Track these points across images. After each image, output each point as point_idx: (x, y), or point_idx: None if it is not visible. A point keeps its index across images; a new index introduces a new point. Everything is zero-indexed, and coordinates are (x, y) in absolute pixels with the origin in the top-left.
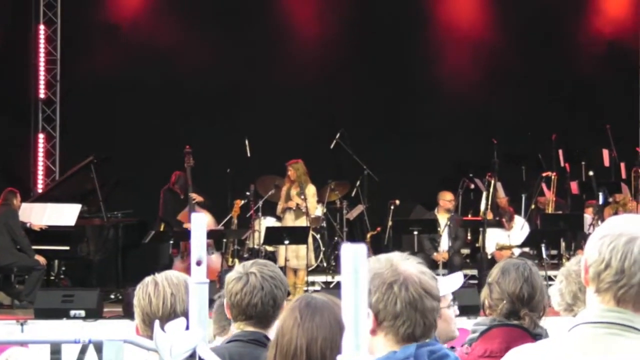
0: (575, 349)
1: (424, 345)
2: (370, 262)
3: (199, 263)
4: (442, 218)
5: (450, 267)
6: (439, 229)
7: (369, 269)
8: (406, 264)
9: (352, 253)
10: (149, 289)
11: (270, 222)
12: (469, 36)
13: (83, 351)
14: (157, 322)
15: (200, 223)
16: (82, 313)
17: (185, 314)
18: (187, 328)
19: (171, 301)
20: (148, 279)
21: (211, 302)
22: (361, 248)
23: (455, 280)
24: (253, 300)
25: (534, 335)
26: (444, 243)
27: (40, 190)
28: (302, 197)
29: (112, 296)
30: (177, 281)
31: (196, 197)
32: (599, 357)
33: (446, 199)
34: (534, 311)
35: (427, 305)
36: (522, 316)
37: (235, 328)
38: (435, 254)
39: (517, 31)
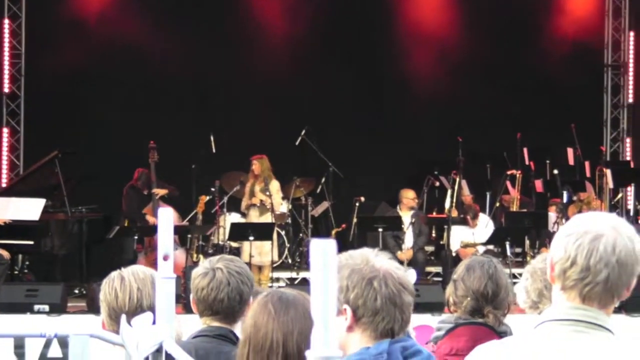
0: (542, 346)
1: (397, 341)
2: (343, 258)
3: (165, 258)
4: (405, 215)
5: (415, 264)
6: (403, 226)
7: (343, 265)
8: (381, 260)
9: (321, 249)
10: (116, 284)
11: (235, 218)
12: (435, 35)
13: (47, 346)
14: (123, 317)
15: (167, 218)
16: (46, 308)
17: (151, 308)
18: (154, 323)
19: (137, 296)
20: (114, 274)
21: (178, 297)
22: (330, 244)
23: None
24: (219, 295)
25: (499, 333)
26: (408, 240)
27: (4, 185)
28: (267, 193)
29: (76, 291)
30: (143, 276)
31: (159, 192)
32: (565, 354)
33: (408, 196)
34: (498, 309)
35: (405, 300)
36: (486, 314)
37: (202, 323)
38: (399, 252)
39: (483, 31)
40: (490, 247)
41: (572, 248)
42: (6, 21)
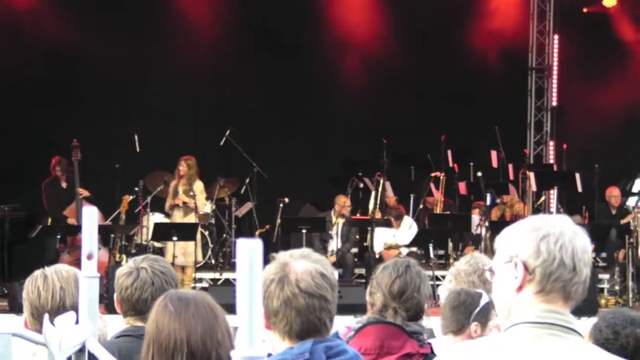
0: (513, 349)
1: (321, 342)
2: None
3: (89, 257)
4: (337, 221)
5: (344, 265)
6: (330, 231)
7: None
8: (299, 262)
9: (248, 248)
10: (38, 282)
11: (158, 218)
12: (361, 37)
13: None
14: (46, 316)
15: (91, 217)
16: None
17: (74, 307)
18: (77, 322)
19: (60, 295)
20: (37, 272)
21: (100, 297)
22: (256, 243)
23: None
24: (143, 295)
25: (409, 332)
26: (334, 244)
27: None
28: (191, 193)
29: None
30: (66, 275)
31: (83, 192)
32: (537, 357)
33: (341, 203)
34: (405, 306)
35: (301, 303)
36: (393, 310)
37: (125, 323)
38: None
39: (408, 32)
40: (414, 249)
41: (555, 249)
42: None
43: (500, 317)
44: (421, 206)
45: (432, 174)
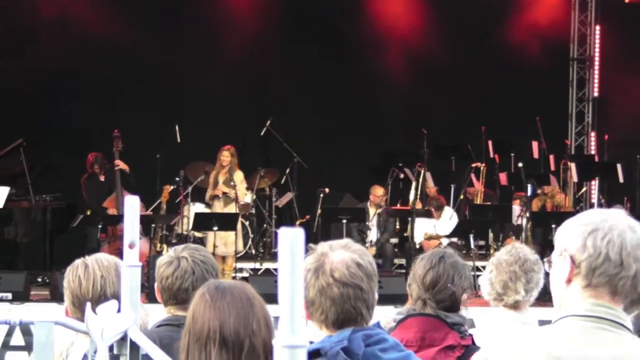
0: (563, 342)
1: (359, 330)
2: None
3: (131, 246)
4: (373, 211)
5: (383, 256)
6: (368, 222)
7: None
8: (337, 252)
9: (289, 237)
10: (79, 272)
11: (199, 208)
12: (402, 28)
13: (10, 333)
14: (88, 305)
15: (133, 206)
16: (9, 296)
17: (115, 296)
18: (119, 311)
19: (101, 283)
20: (78, 262)
21: (142, 286)
22: (298, 232)
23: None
24: (184, 284)
25: (451, 324)
26: (373, 236)
27: None
28: (232, 183)
29: (39, 279)
30: (107, 264)
31: (120, 164)
32: (585, 350)
33: (377, 194)
34: (437, 298)
35: (335, 292)
36: (422, 302)
37: (166, 312)
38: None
39: (450, 23)
40: (454, 239)
41: (602, 244)
42: None
43: (555, 308)
44: (462, 197)
45: (473, 165)
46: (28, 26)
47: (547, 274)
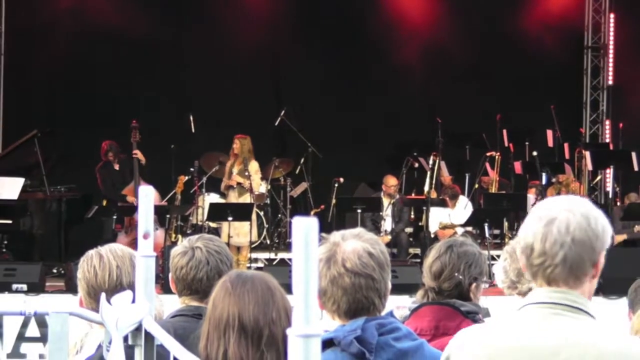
0: (519, 328)
1: (372, 319)
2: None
3: (145, 236)
4: (386, 201)
5: (398, 245)
6: (382, 212)
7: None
8: (349, 242)
9: (304, 226)
10: (94, 262)
11: (214, 198)
12: (416, 17)
13: (25, 325)
14: (103, 295)
15: (147, 196)
16: (24, 287)
17: (131, 286)
18: (134, 301)
19: (117, 273)
20: (92, 252)
21: (157, 277)
22: (312, 221)
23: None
24: (198, 274)
25: (465, 312)
26: (387, 225)
27: None
28: (246, 173)
29: (55, 270)
30: (121, 254)
31: (138, 154)
32: (541, 336)
33: (389, 184)
34: (442, 286)
35: (347, 282)
36: (424, 291)
37: (180, 303)
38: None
39: (463, 11)
40: (469, 228)
41: (530, 235)
42: None
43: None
44: (476, 186)
45: (488, 154)
46: (44, 16)
47: None
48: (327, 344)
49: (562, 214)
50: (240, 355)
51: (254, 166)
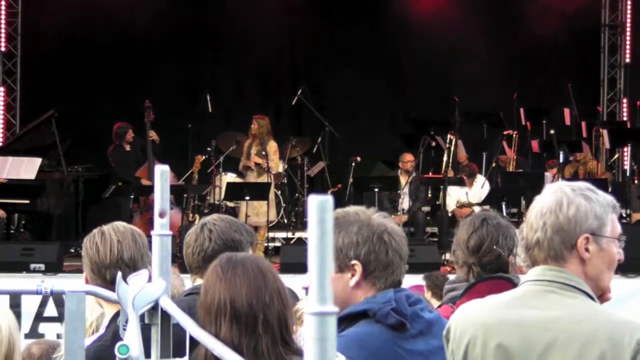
0: (516, 305)
1: (400, 290)
2: (340, 215)
3: (161, 215)
4: (403, 179)
5: (415, 224)
6: (399, 191)
7: (348, 221)
8: (377, 215)
9: (319, 204)
10: (97, 239)
11: (231, 177)
12: None
13: (43, 304)
14: (119, 274)
15: (163, 174)
16: (42, 267)
17: (132, 260)
18: (150, 280)
19: (118, 248)
20: (95, 230)
21: (174, 257)
22: (328, 199)
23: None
24: (208, 253)
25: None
26: (404, 204)
27: (0, 144)
28: (263, 153)
29: (72, 250)
30: (123, 229)
31: (153, 135)
32: (533, 311)
33: (404, 160)
34: (482, 261)
35: (405, 251)
36: (468, 267)
37: (192, 282)
38: (393, 215)
39: None
40: (486, 207)
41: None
42: None
43: None
44: (493, 164)
45: (505, 132)
46: None
47: None
48: (359, 316)
49: (542, 198)
50: (232, 340)
51: (272, 146)
